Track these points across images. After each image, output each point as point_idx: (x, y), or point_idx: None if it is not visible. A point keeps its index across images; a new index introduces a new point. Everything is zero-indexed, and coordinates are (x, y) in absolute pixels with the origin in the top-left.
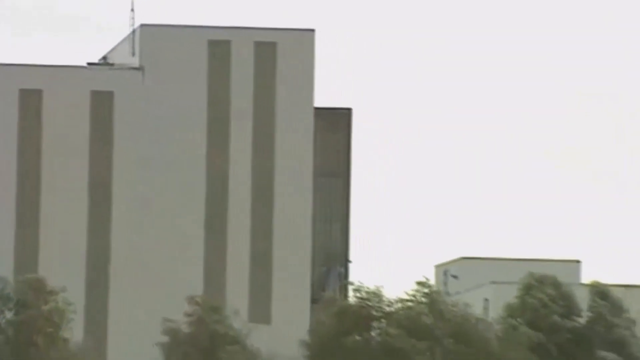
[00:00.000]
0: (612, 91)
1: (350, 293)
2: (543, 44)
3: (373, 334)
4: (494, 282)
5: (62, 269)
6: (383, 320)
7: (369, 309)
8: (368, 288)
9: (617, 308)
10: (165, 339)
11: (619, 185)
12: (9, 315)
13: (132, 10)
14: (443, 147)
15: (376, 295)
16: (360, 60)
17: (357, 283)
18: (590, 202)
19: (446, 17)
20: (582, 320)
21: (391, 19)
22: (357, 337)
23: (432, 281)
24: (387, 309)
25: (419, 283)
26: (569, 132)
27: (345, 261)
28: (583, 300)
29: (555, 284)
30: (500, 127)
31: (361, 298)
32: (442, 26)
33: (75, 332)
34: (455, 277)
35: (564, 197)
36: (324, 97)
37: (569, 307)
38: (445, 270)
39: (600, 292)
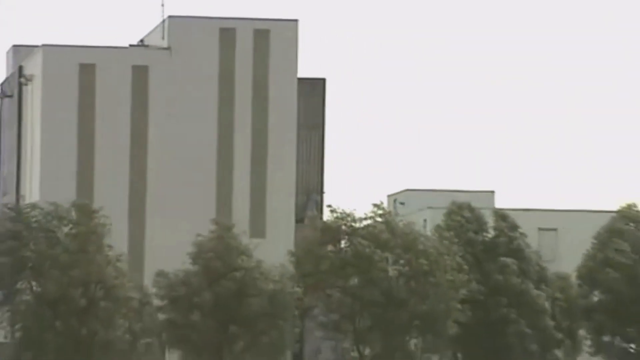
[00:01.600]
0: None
1: (326, 214)
2: None
3: (343, 245)
4: (430, 207)
5: (111, 197)
6: (351, 234)
7: (341, 226)
8: (341, 210)
9: (514, 226)
10: (194, 249)
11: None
12: (65, 230)
13: (162, 5)
14: (392, 104)
15: (346, 215)
16: (332, 43)
17: (331, 207)
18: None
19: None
20: (489, 236)
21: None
22: (332, 247)
23: (386, 206)
24: (354, 226)
25: (376, 206)
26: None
27: (320, 192)
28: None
29: (470, 209)
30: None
31: (335, 218)
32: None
33: (120, 246)
34: (402, 203)
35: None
36: (306, 70)
37: (480, 226)
38: (394, 199)
39: (501, 215)
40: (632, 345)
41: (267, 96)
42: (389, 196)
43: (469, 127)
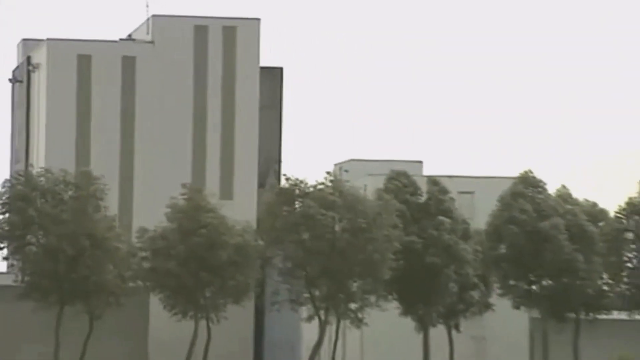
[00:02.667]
0: None
1: (283, 181)
2: None
3: (297, 206)
4: (369, 175)
5: (104, 166)
6: (303, 197)
7: (294, 190)
8: (294, 178)
9: (444, 190)
10: (168, 210)
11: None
12: (70, 193)
13: (147, 6)
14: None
15: (299, 182)
16: (288, 38)
17: (286, 175)
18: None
19: None
20: (423, 198)
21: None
22: (287, 208)
23: (333, 173)
24: (306, 190)
25: (328, 173)
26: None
27: (278, 161)
28: (424, 186)
29: (406, 176)
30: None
31: (289, 184)
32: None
33: (113, 207)
34: (346, 171)
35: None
36: (266, 60)
37: (415, 190)
38: (340, 167)
39: (434, 181)
40: (533, 287)
41: (234, 82)
42: (335, 165)
43: (402, 106)
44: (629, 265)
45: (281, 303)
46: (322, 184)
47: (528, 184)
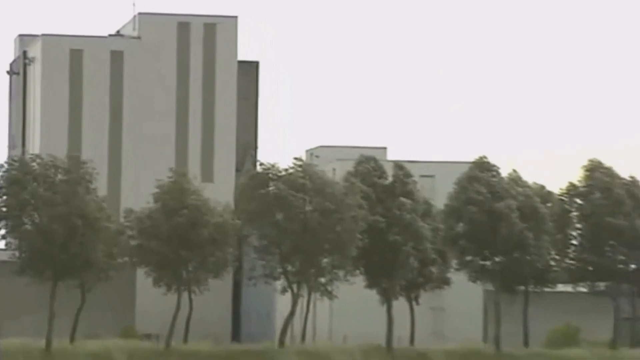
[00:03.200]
0: None
1: (258, 166)
2: None
3: (270, 189)
4: (338, 160)
5: (94, 151)
6: (276, 181)
7: (268, 174)
8: (268, 163)
9: (408, 174)
10: (154, 192)
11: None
12: (60, 176)
13: (134, 4)
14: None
15: (272, 167)
16: (264, 34)
17: (260, 161)
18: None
19: None
20: (388, 181)
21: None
22: (262, 191)
23: (304, 159)
24: (279, 174)
25: (296, 159)
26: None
27: (255, 148)
28: (389, 170)
29: (375, 160)
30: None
31: (264, 169)
32: None
33: (102, 189)
34: (317, 157)
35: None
36: (244, 55)
37: (381, 174)
38: (311, 153)
39: (399, 165)
40: (487, 263)
41: (214, 75)
42: (306, 151)
43: (368, 95)
44: (574, 242)
45: (257, 277)
46: (293, 168)
47: (483, 168)
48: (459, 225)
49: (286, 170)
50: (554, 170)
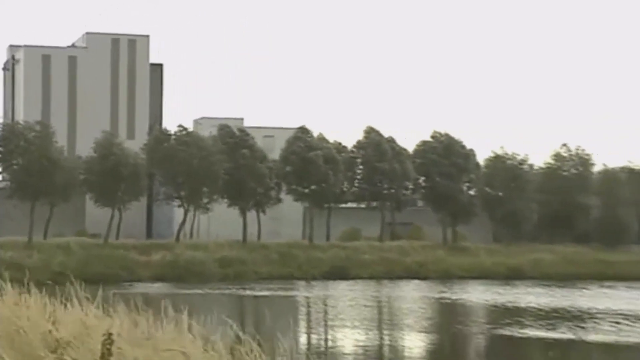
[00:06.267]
0: None
1: (161, 129)
2: None
3: (166, 145)
4: (214, 127)
5: (60, 121)
6: (171, 141)
7: (167, 135)
8: (166, 128)
9: (246, 134)
10: (94, 146)
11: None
12: (34, 134)
13: (85, 26)
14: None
15: (168, 132)
16: (167, 47)
17: (164, 126)
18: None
19: None
20: (238, 139)
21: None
22: (164, 144)
23: (192, 127)
24: (173, 135)
25: (181, 126)
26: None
27: (160, 117)
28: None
29: (228, 127)
30: None
31: (163, 132)
32: None
33: (63, 143)
34: (200, 124)
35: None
36: (153, 59)
37: (233, 134)
38: (197, 122)
39: (242, 130)
40: (305, 190)
41: (135, 72)
42: (194, 120)
43: (235, 78)
44: (358, 177)
45: (161, 199)
46: (182, 132)
47: (303, 132)
48: (288, 167)
49: (176, 133)
50: (348, 132)
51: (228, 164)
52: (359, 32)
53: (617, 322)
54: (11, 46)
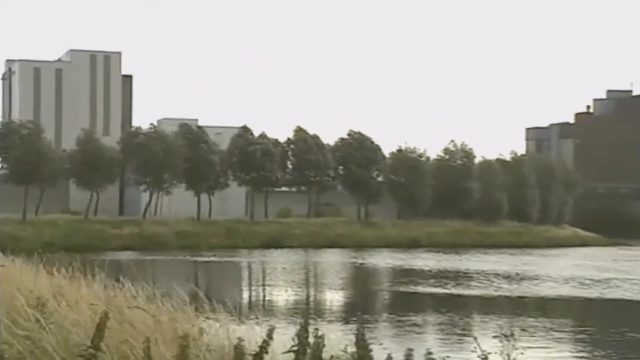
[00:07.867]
0: None
1: (132, 128)
2: None
3: (136, 140)
4: (174, 126)
5: (49, 122)
6: (140, 136)
7: (137, 132)
8: (136, 126)
9: (200, 132)
10: (77, 141)
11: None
12: (26, 132)
13: (68, 43)
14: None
15: (137, 128)
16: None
17: (135, 124)
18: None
19: None
20: (193, 137)
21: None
22: (134, 140)
23: (157, 124)
24: (142, 132)
25: (152, 124)
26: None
27: (130, 118)
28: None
29: (188, 125)
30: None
31: (133, 129)
32: None
33: (51, 139)
34: (162, 124)
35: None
36: (125, 70)
37: (190, 132)
38: (160, 121)
39: (201, 130)
40: (247, 177)
41: (109, 82)
42: (158, 120)
43: (190, 83)
44: (290, 166)
45: (131, 184)
46: (151, 129)
47: (245, 131)
48: (234, 159)
49: (147, 130)
50: (284, 130)
51: (188, 156)
52: (287, 40)
53: (487, 280)
54: (8, 60)
